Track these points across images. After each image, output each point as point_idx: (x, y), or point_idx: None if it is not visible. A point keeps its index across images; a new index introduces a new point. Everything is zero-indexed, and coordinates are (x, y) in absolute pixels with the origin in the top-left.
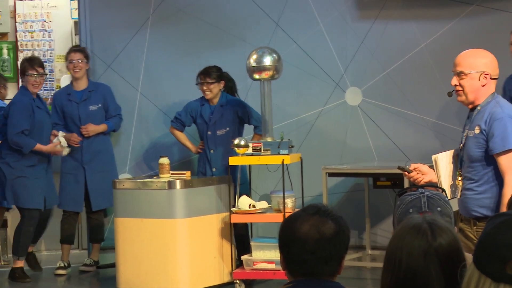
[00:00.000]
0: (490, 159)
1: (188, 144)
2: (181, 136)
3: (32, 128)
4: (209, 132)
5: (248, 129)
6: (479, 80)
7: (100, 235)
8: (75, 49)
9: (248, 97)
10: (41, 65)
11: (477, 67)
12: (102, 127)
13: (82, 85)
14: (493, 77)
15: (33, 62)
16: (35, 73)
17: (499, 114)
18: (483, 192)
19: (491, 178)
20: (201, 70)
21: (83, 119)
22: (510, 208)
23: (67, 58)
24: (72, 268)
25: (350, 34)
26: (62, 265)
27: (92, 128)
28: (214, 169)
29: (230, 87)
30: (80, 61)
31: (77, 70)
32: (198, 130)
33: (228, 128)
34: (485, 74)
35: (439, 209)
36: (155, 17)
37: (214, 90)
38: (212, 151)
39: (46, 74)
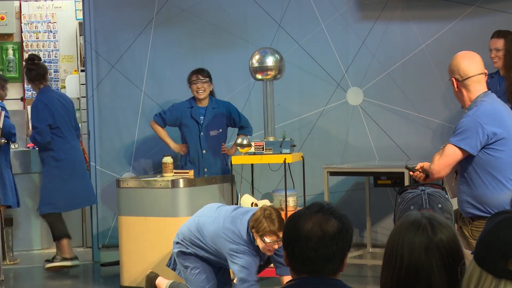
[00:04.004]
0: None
1: (169, 141)
2: (162, 132)
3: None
4: (201, 133)
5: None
6: None
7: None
8: None
9: (251, 97)
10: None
11: None
12: None
13: None
14: None
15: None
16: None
17: None
18: (466, 190)
19: (468, 177)
20: (194, 70)
21: None
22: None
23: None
24: (73, 267)
25: (351, 35)
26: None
27: None
28: (205, 169)
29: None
30: None
31: None
32: (184, 132)
33: (221, 130)
34: None
35: (439, 206)
36: (159, 18)
37: (207, 90)
38: (204, 151)
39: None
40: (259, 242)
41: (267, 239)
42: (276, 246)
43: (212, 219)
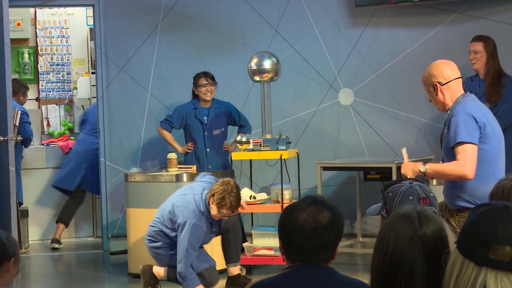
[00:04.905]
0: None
1: (175, 144)
2: (169, 136)
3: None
4: (205, 133)
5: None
6: None
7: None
8: None
9: (249, 97)
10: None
11: None
12: None
13: None
14: None
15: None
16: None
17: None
18: (456, 184)
19: None
20: (200, 74)
21: None
22: (492, 199)
23: None
24: (84, 255)
25: (343, 40)
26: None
27: None
28: (210, 166)
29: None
30: None
31: None
32: (189, 132)
33: (223, 129)
34: None
35: (432, 194)
36: (164, 24)
37: (214, 92)
38: (208, 149)
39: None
40: (213, 210)
41: (224, 212)
42: (226, 218)
43: (165, 202)
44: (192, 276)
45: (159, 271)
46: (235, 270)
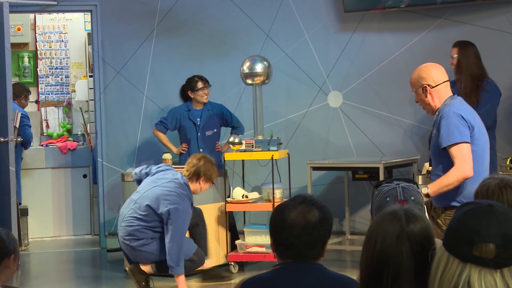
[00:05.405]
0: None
1: (170, 145)
2: (164, 137)
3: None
4: (198, 134)
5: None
6: None
7: None
8: None
9: (242, 100)
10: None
11: None
12: None
13: None
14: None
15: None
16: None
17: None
18: None
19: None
20: (198, 77)
21: None
22: (476, 198)
23: None
24: (82, 252)
25: (332, 44)
26: None
27: None
28: None
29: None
30: None
31: None
32: (183, 133)
33: (215, 130)
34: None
35: (412, 198)
36: (160, 29)
37: (209, 95)
38: (201, 150)
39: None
40: (205, 186)
41: (214, 180)
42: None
43: (135, 199)
44: (183, 263)
45: (146, 267)
46: (207, 263)
